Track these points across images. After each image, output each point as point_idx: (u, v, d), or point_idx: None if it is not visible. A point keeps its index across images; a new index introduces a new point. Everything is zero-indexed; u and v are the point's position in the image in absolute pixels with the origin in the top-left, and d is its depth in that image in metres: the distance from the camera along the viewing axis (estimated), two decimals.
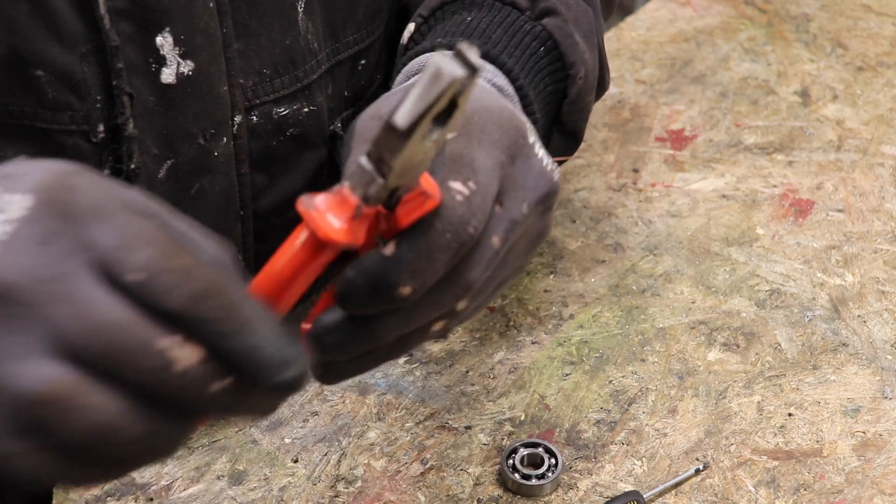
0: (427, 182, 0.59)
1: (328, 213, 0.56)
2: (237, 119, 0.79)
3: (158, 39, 0.74)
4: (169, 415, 0.50)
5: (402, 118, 0.52)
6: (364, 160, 0.55)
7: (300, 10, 0.81)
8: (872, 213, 1.02)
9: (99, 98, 0.74)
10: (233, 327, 0.49)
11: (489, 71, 0.76)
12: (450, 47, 0.76)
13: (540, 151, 0.65)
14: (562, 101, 0.81)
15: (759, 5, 1.29)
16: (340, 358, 0.61)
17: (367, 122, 0.64)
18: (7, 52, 0.71)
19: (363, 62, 0.88)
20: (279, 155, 0.83)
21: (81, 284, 0.48)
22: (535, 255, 0.98)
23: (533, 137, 0.65)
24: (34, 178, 0.50)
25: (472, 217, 0.59)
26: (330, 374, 0.63)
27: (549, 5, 0.80)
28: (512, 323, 0.93)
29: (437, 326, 0.62)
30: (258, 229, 0.83)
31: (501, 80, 0.76)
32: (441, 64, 0.52)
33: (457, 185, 0.59)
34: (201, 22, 0.75)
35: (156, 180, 0.76)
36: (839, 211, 1.02)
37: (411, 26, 0.83)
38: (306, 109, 0.83)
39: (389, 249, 0.58)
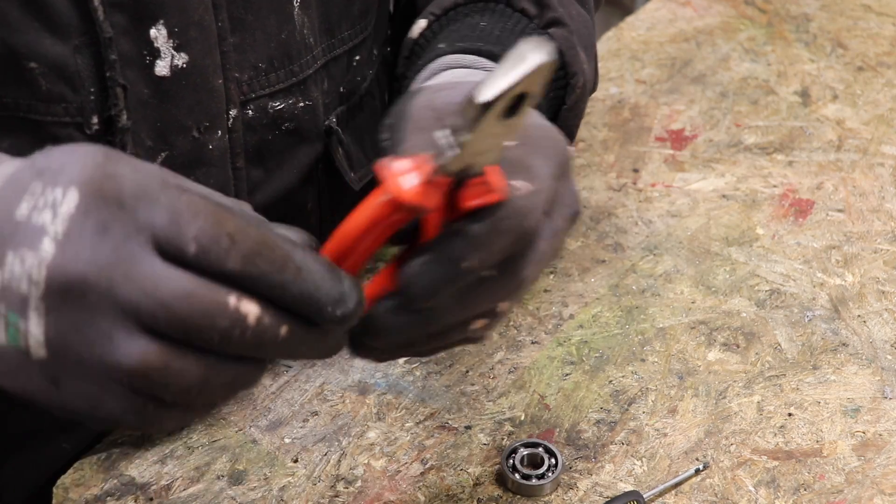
0: (493, 175, 0.61)
1: (405, 175, 0.59)
2: (232, 113, 0.79)
3: (152, 32, 0.74)
4: (246, 363, 0.56)
5: (485, 93, 0.56)
6: (441, 133, 0.59)
7: (296, 5, 0.81)
8: (872, 213, 1.02)
9: (92, 90, 0.74)
10: (287, 277, 0.54)
11: None
12: (469, 51, 0.79)
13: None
14: (559, 107, 0.83)
15: (759, 5, 1.29)
16: (388, 342, 0.63)
17: (422, 110, 0.66)
18: (0, 44, 0.71)
19: (357, 58, 0.89)
20: (274, 149, 0.83)
21: (145, 263, 0.53)
22: None
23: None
24: (74, 172, 0.53)
25: (531, 213, 0.61)
26: (361, 350, 0.64)
27: (556, 16, 0.82)
28: (512, 323, 0.93)
29: (478, 325, 0.64)
30: None
31: None
32: (526, 48, 0.56)
33: (518, 183, 0.62)
34: (195, 15, 0.75)
35: None
36: (839, 211, 1.02)
37: (422, 22, 0.84)
38: (301, 104, 0.83)
39: (457, 225, 0.61)
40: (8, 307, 0.54)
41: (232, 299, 0.53)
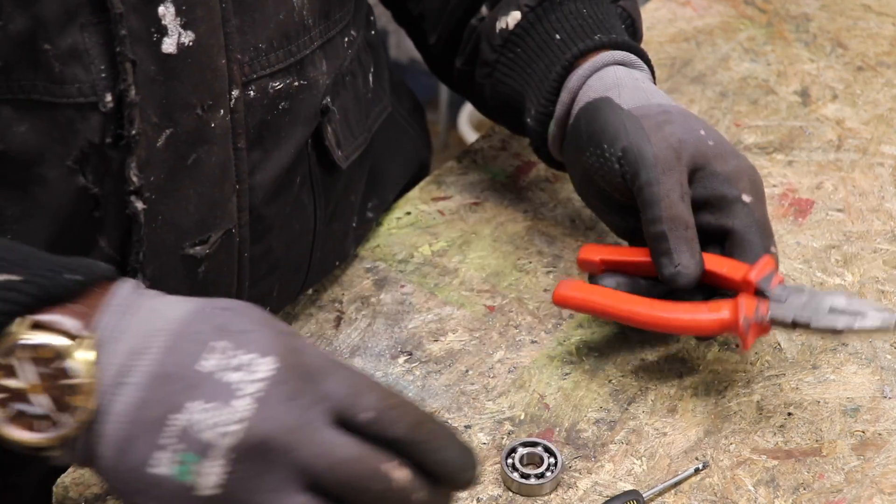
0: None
1: (749, 314, 0.79)
2: (234, 93, 0.80)
3: (161, 9, 0.75)
4: None
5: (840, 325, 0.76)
6: (780, 289, 0.79)
7: None
8: (872, 212, 1.02)
9: (103, 68, 0.75)
10: (436, 446, 0.63)
11: (644, 68, 0.92)
12: (618, 45, 0.92)
13: None
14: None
15: (759, 5, 1.29)
16: None
17: (664, 150, 0.84)
18: (21, 28, 0.72)
19: (346, 39, 0.90)
20: (273, 129, 0.84)
21: (323, 430, 0.61)
22: (535, 255, 0.99)
23: None
24: (265, 341, 0.62)
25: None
26: None
27: None
28: (512, 322, 0.93)
29: None
30: (253, 204, 0.84)
31: (645, 69, 0.92)
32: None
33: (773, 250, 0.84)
34: None
35: (154, 149, 0.78)
36: (839, 210, 1.03)
37: (517, 14, 0.94)
38: (297, 83, 0.85)
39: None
40: (187, 449, 0.60)
41: (390, 465, 0.62)
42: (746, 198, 0.84)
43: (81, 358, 0.61)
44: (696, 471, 0.81)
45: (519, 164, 1.08)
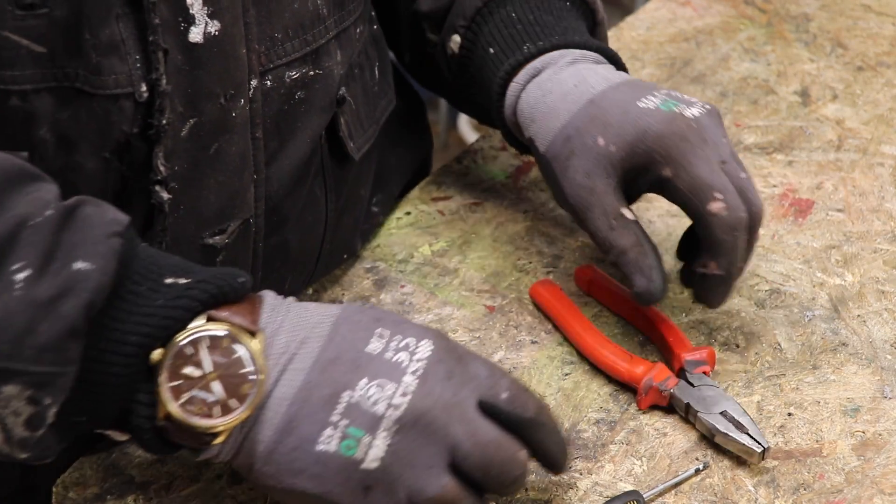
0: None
1: (658, 383, 0.86)
2: (253, 83, 0.81)
3: None
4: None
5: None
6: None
7: None
8: (872, 212, 1.02)
9: (138, 57, 0.75)
10: (555, 429, 0.72)
11: (610, 69, 0.90)
12: (554, 47, 0.91)
13: None
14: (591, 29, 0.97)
15: (759, 5, 1.29)
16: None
17: (578, 194, 0.87)
18: (66, 14, 0.73)
19: (359, 30, 0.91)
20: (290, 119, 0.85)
21: (471, 410, 0.68)
22: (535, 255, 0.98)
23: None
24: (420, 329, 0.70)
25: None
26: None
27: None
28: (512, 323, 0.93)
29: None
30: (269, 195, 0.85)
31: (591, 57, 0.91)
32: None
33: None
34: None
35: (179, 138, 0.79)
36: (839, 211, 1.03)
37: (457, 38, 0.95)
38: (312, 73, 0.85)
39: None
40: (352, 423, 0.67)
41: (523, 451, 0.69)
42: (667, 172, 0.83)
43: (254, 348, 0.68)
44: (697, 471, 0.81)
45: (519, 164, 1.08)
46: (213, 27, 0.77)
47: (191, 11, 0.76)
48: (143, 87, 0.76)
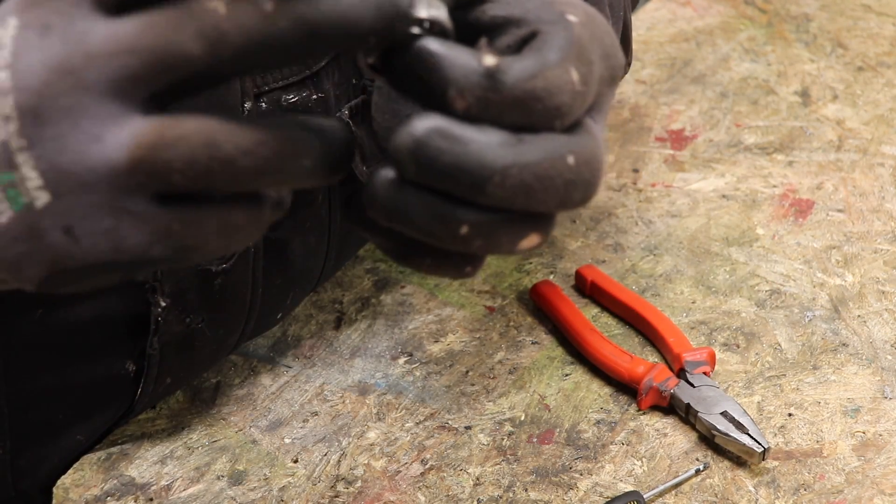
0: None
1: (657, 384, 0.85)
2: (247, 105, 0.79)
3: None
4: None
5: None
6: None
7: None
8: (872, 213, 1.02)
9: None
10: None
11: None
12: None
13: None
14: None
15: (759, 5, 1.29)
16: (378, 212, 0.54)
17: None
18: None
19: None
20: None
21: (97, 30, 0.47)
22: (535, 255, 0.98)
23: None
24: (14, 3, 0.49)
25: (565, 91, 0.56)
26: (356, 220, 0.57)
27: None
28: (512, 323, 0.93)
29: (531, 242, 0.55)
30: None
31: None
32: None
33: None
34: None
35: None
36: (839, 211, 1.02)
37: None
38: (314, 96, 0.84)
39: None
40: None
41: (196, 4, 0.47)
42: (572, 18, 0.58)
43: None
44: (697, 472, 0.81)
45: None
46: None
47: None
48: None
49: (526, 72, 0.52)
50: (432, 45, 0.52)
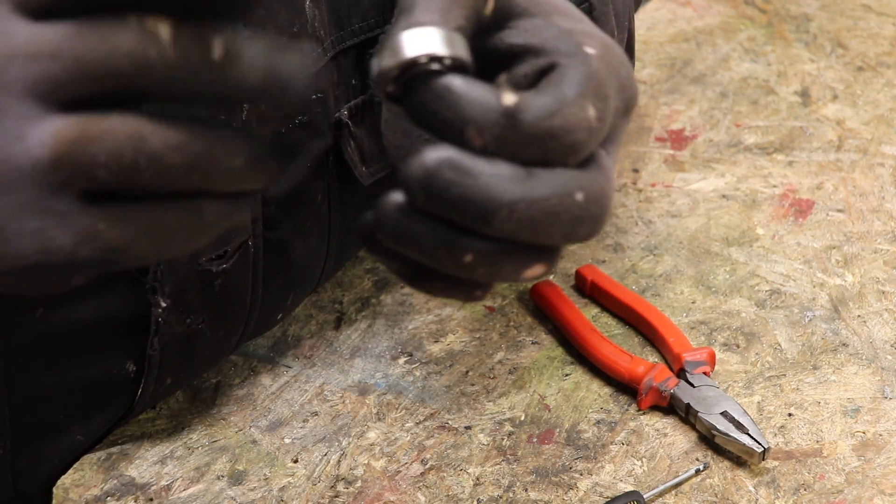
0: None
1: (657, 384, 0.85)
2: (246, 105, 0.79)
3: None
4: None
5: None
6: None
7: None
8: (872, 213, 1.02)
9: None
10: None
11: None
12: None
13: None
14: None
15: (759, 5, 1.29)
16: (392, 241, 0.54)
17: None
18: None
19: (372, 51, 0.88)
20: (288, 142, 0.83)
21: (18, 31, 0.45)
22: None
23: None
24: None
25: (581, 128, 0.56)
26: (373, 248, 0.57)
27: None
28: (512, 323, 0.93)
29: (535, 272, 0.56)
30: (267, 216, 0.84)
31: None
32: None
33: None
34: None
35: None
36: (839, 211, 1.02)
37: None
38: (313, 97, 0.83)
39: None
40: None
41: (135, 22, 0.45)
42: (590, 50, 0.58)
43: None
44: (697, 472, 0.81)
45: None
46: None
47: None
48: None
49: (544, 110, 0.52)
50: (454, 82, 0.53)
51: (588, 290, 0.94)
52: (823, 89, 1.17)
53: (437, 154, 0.52)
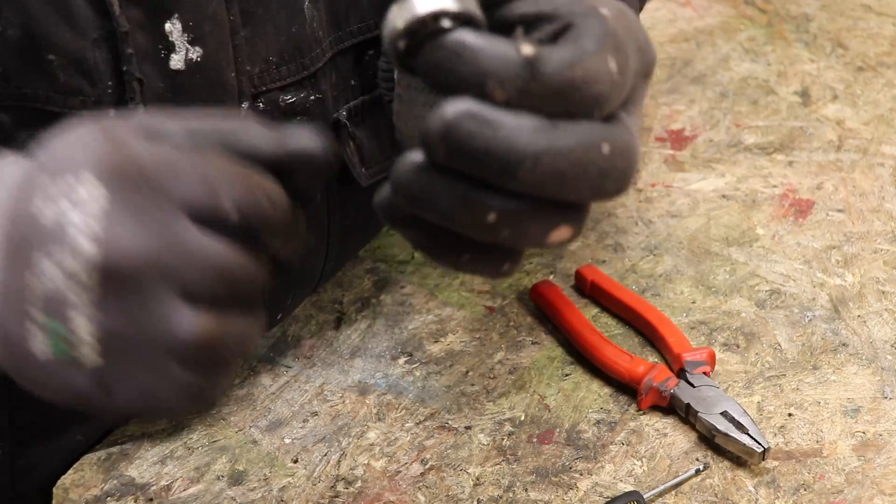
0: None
1: (655, 386, 0.85)
2: (244, 106, 0.79)
3: (167, 26, 0.74)
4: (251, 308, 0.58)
5: None
6: None
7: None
8: (872, 213, 1.02)
9: (110, 83, 0.74)
10: (293, 228, 0.58)
11: None
12: None
13: None
14: None
15: (759, 5, 1.29)
16: (405, 198, 0.54)
17: None
18: (20, 35, 0.71)
19: (370, 52, 0.88)
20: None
21: (188, 237, 0.53)
22: (535, 256, 0.98)
23: None
24: (86, 160, 0.53)
25: (603, 81, 0.56)
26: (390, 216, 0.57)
27: None
28: (512, 323, 0.93)
29: (561, 235, 0.55)
30: None
31: None
32: None
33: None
34: (209, 9, 0.75)
35: None
36: (839, 211, 1.02)
37: None
38: (312, 97, 0.83)
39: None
40: (48, 316, 0.52)
41: (261, 266, 0.56)
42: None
43: None
44: (697, 472, 0.81)
45: None
46: (195, 54, 0.75)
47: (170, 38, 0.74)
48: (112, 113, 0.73)
49: (565, 60, 0.52)
50: (467, 36, 0.52)
51: (588, 290, 0.94)
52: (823, 89, 1.17)
53: (457, 106, 0.51)
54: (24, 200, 0.53)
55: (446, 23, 0.52)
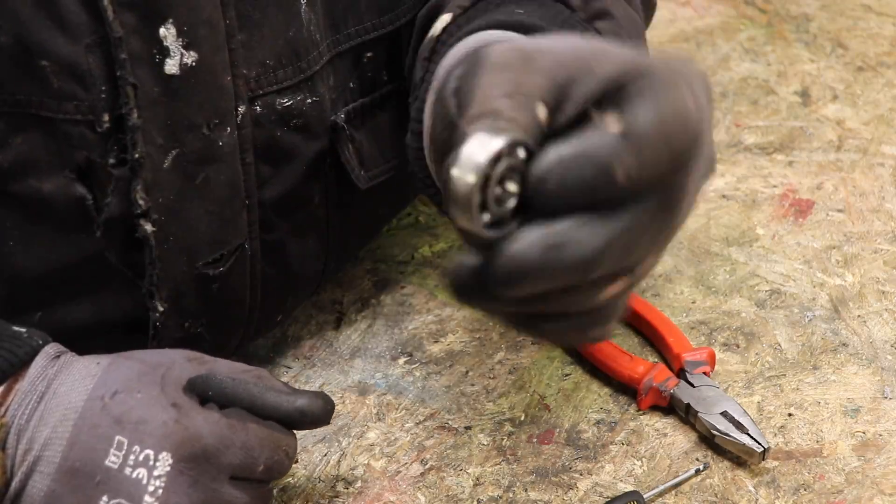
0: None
1: (655, 387, 0.85)
2: (241, 109, 0.79)
3: (161, 31, 0.74)
4: None
5: None
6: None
7: (303, 2, 0.81)
8: (872, 213, 1.02)
9: (104, 88, 0.74)
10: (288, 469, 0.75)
11: None
12: (505, 26, 0.76)
13: None
14: None
15: (759, 5, 1.29)
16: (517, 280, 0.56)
17: (508, 53, 0.59)
18: (12, 41, 0.71)
19: (369, 55, 0.87)
20: (283, 145, 0.82)
21: (225, 495, 0.70)
22: None
23: None
24: (159, 433, 0.68)
25: (693, 117, 0.58)
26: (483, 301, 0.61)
27: (602, 7, 0.79)
28: None
29: (614, 289, 0.57)
30: (263, 218, 0.83)
31: None
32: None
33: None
34: (204, 13, 0.75)
35: (161, 170, 0.76)
36: (839, 211, 1.02)
37: (447, 17, 0.81)
38: (309, 100, 0.83)
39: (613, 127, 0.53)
40: None
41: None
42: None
43: None
44: (697, 472, 0.81)
45: None
46: (190, 58, 0.75)
47: (165, 43, 0.74)
48: (106, 118, 0.74)
49: (650, 113, 0.53)
50: (552, 150, 0.52)
51: None
52: (823, 89, 1.17)
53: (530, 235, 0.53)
54: (95, 448, 0.68)
55: (521, 153, 0.52)
